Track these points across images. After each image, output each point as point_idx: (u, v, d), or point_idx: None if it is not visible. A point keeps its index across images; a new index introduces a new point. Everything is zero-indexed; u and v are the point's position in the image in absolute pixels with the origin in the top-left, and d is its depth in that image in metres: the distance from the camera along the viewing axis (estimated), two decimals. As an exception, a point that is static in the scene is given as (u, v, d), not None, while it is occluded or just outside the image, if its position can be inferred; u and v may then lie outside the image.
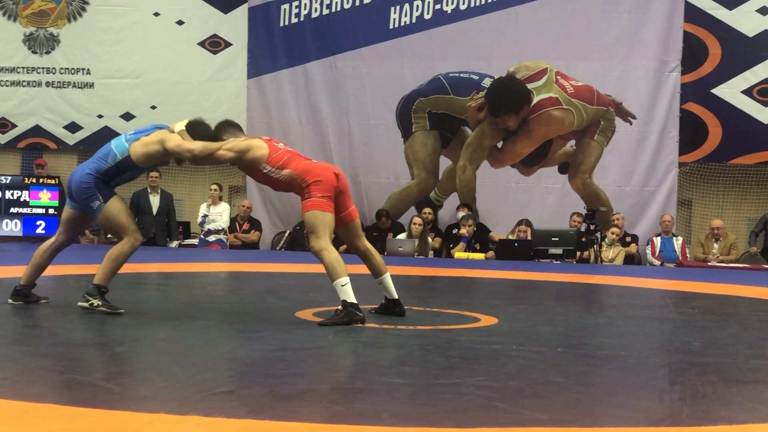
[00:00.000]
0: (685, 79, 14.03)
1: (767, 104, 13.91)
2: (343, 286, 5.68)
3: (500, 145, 14.48)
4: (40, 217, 14.43)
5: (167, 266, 10.19)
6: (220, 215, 13.79)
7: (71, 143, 15.41)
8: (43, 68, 15.46)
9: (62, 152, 15.39)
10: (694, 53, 14.03)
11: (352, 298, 5.67)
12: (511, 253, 12.79)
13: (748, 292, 9.05)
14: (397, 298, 6.19)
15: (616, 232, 13.36)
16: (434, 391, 3.86)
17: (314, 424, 3.24)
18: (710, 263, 13.14)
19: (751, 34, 13.99)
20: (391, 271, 6.27)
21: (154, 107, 15.11)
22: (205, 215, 13.77)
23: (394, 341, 5.26)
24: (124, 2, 15.30)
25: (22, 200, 14.43)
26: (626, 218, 13.82)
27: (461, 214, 13.92)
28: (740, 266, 12.88)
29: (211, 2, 15.16)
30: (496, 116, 14.35)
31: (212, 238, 13.73)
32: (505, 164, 14.51)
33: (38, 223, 14.40)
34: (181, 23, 15.22)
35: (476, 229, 13.63)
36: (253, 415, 3.32)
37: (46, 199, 14.44)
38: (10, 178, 14.66)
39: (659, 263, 13.40)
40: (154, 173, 13.55)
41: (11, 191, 14.43)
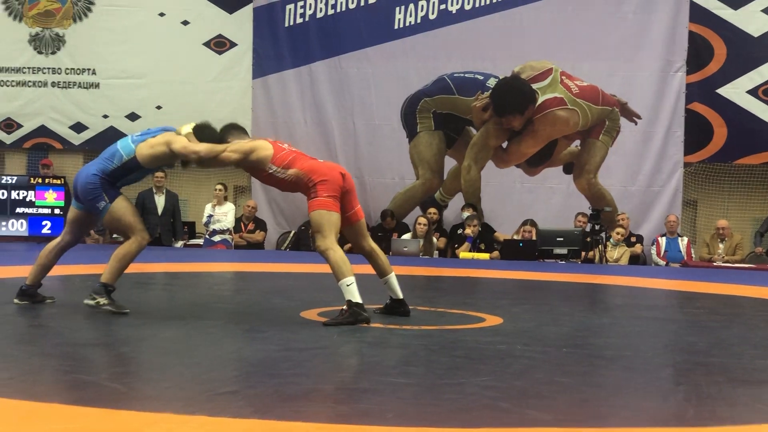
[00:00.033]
0: (690, 79, 14.01)
1: (773, 104, 13.92)
2: (348, 285, 5.69)
3: (505, 145, 14.48)
4: (45, 217, 14.43)
5: (172, 266, 10.20)
6: (225, 215, 13.80)
7: (77, 143, 15.43)
8: (48, 68, 15.48)
9: (68, 152, 15.40)
10: (699, 53, 14.01)
11: (357, 298, 5.67)
12: (515, 253, 12.79)
13: (753, 292, 9.04)
14: (402, 298, 6.19)
15: (621, 232, 13.35)
16: (439, 391, 3.86)
17: (319, 424, 3.25)
18: (715, 263, 13.12)
19: (756, 33, 13.96)
20: (396, 271, 6.28)
21: (159, 107, 15.13)
22: (210, 215, 13.78)
23: (398, 341, 5.27)
24: (129, 3, 15.31)
25: (27, 200, 14.44)
26: (631, 218, 13.81)
27: (466, 214, 13.91)
28: (745, 266, 12.86)
29: (216, 2, 15.16)
30: (500, 116, 14.34)
31: (217, 238, 13.74)
32: (510, 164, 14.50)
33: (44, 223, 14.41)
34: (186, 23, 15.22)
35: (481, 229, 13.63)
36: (258, 415, 3.33)
37: (51, 199, 14.45)
38: (15, 178, 14.68)
39: (664, 263, 13.39)
40: (159, 173, 13.56)
41: (17, 191, 14.45)
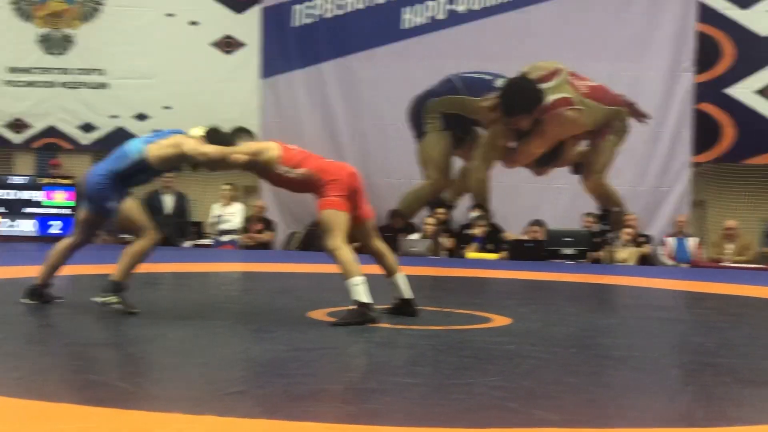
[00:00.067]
0: (698, 79, 13.99)
1: (781, 104, 13.89)
2: (356, 285, 5.69)
3: (513, 145, 14.46)
4: (54, 217, 14.47)
5: (181, 266, 10.21)
6: (233, 215, 13.81)
7: (86, 143, 15.43)
8: (57, 69, 15.49)
9: (77, 152, 15.40)
10: (707, 53, 13.98)
11: (364, 297, 5.67)
12: (523, 253, 12.78)
13: (761, 292, 9.02)
14: (410, 297, 6.20)
15: (629, 232, 13.33)
16: (446, 391, 3.86)
17: (327, 424, 3.25)
18: (724, 264, 13.10)
19: (764, 33, 13.93)
20: (403, 271, 6.28)
21: (167, 108, 15.13)
22: (218, 215, 13.79)
23: (406, 341, 5.27)
24: (138, 3, 15.31)
25: (36, 200, 14.48)
26: (639, 218, 13.77)
27: (474, 214, 13.91)
28: (754, 267, 12.83)
29: (224, 3, 15.17)
30: (508, 116, 14.33)
31: (225, 238, 13.75)
32: (518, 164, 14.48)
33: (53, 223, 14.45)
34: (194, 24, 15.23)
35: (489, 229, 13.62)
36: (266, 415, 3.34)
37: (60, 199, 14.48)
38: (25, 178, 14.72)
39: (673, 264, 13.36)
40: (168, 174, 13.56)
41: (26, 191, 14.49)
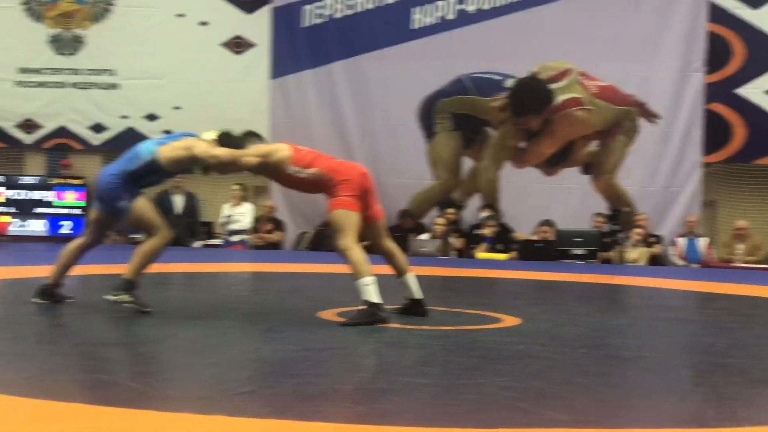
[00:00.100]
0: (709, 79, 13.95)
1: (792, 104, 13.84)
2: (366, 285, 5.69)
3: (523, 145, 14.44)
4: (65, 217, 14.51)
5: (191, 266, 10.23)
6: (243, 215, 13.83)
7: (96, 144, 15.46)
8: (68, 69, 15.53)
9: (87, 153, 15.43)
10: (718, 53, 13.94)
11: (375, 298, 5.67)
12: (533, 253, 12.77)
13: (772, 293, 9.00)
14: (420, 298, 6.20)
15: (639, 232, 13.30)
16: (456, 391, 3.86)
17: (337, 424, 3.25)
18: (734, 264, 13.06)
19: (775, 33, 13.91)
20: (413, 271, 6.28)
21: (177, 108, 15.15)
22: (228, 215, 13.81)
23: (416, 341, 5.27)
24: (148, 3, 15.34)
25: (47, 201, 14.52)
26: (650, 219, 13.74)
27: (484, 214, 13.90)
28: (765, 267, 12.79)
29: (234, 3, 15.19)
30: (518, 117, 14.31)
31: (235, 238, 13.76)
32: (528, 165, 14.46)
33: (64, 223, 14.48)
34: (204, 24, 15.25)
35: (499, 229, 13.61)
36: (276, 414, 3.34)
37: (71, 199, 14.52)
38: (36, 178, 14.77)
39: (683, 264, 13.33)
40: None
41: (37, 191, 14.53)
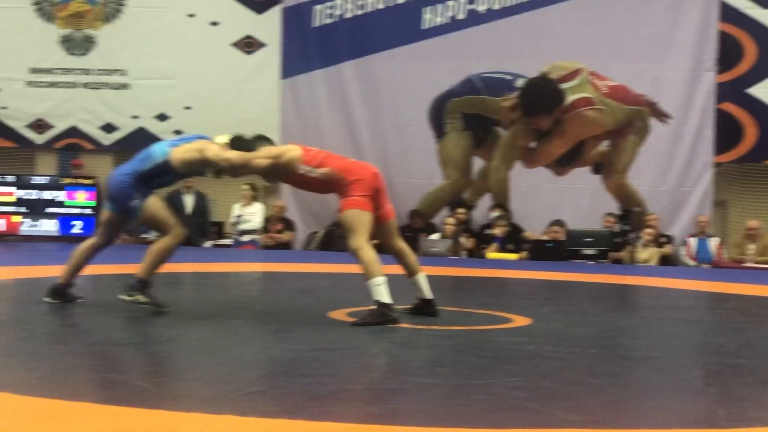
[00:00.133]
0: (720, 78, 13.91)
1: (804, 104, 13.80)
2: (377, 285, 5.69)
3: (534, 145, 14.42)
4: (76, 217, 14.53)
5: (201, 266, 10.23)
6: (253, 215, 13.83)
7: (107, 144, 15.49)
8: (79, 69, 15.56)
9: (98, 153, 15.46)
10: (729, 53, 13.90)
11: (385, 298, 5.67)
12: (544, 253, 12.75)
13: (784, 293, 8.98)
14: (430, 298, 6.20)
15: (650, 232, 13.26)
16: (467, 391, 3.86)
17: (347, 424, 3.25)
18: (746, 264, 13.02)
19: (787, 33, 13.87)
20: (424, 271, 6.28)
21: (188, 108, 15.17)
22: (239, 215, 13.82)
23: (427, 341, 5.27)
24: (159, 4, 15.36)
25: (58, 200, 14.56)
26: (661, 219, 13.70)
27: (494, 214, 13.88)
28: (776, 267, 12.76)
29: (245, 3, 15.20)
30: (529, 117, 14.29)
31: (246, 238, 13.77)
32: (538, 164, 14.44)
33: (75, 223, 14.52)
34: (215, 24, 15.26)
35: (509, 229, 13.59)
36: (286, 414, 3.34)
37: (82, 199, 14.55)
38: (47, 178, 14.80)
39: (694, 264, 13.29)
40: (189, 175, 13.61)
41: (48, 191, 14.57)
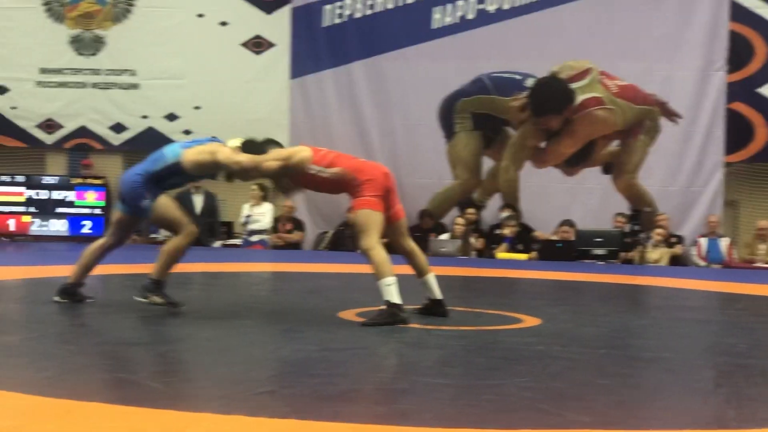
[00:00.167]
0: (730, 78, 13.87)
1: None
2: (388, 285, 5.68)
3: (543, 145, 14.40)
4: (85, 217, 14.57)
5: (211, 266, 10.24)
6: (263, 215, 13.84)
7: (117, 144, 15.51)
8: (88, 69, 15.59)
9: (108, 153, 15.48)
10: (739, 52, 13.85)
11: (396, 298, 5.67)
12: (553, 253, 12.73)
13: (795, 293, 8.95)
14: (440, 298, 6.19)
15: (661, 232, 13.23)
16: (477, 392, 3.85)
17: (357, 424, 3.25)
18: (756, 264, 12.99)
19: (797, 32, 13.82)
20: (433, 271, 6.27)
21: (197, 108, 15.18)
22: (248, 215, 13.82)
23: (436, 342, 5.26)
24: (168, 4, 15.38)
25: (68, 200, 14.59)
26: (671, 219, 13.66)
27: (504, 214, 13.87)
28: (787, 267, 12.73)
29: (254, 3, 15.20)
30: (538, 116, 14.26)
31: (255, 238, 13.77)
32: (548, 164, 14.41)
33: (84, 223, 14.55)
34: (224, 24, 15.27)
35: (519, 229, 13.58)
36: (296, 415, 3.34)
37: (92, 199, 14.58)
38: (57, 178, 14.84)
39: (705, 264, 13.26)
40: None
41: (58, 191, 14.60)
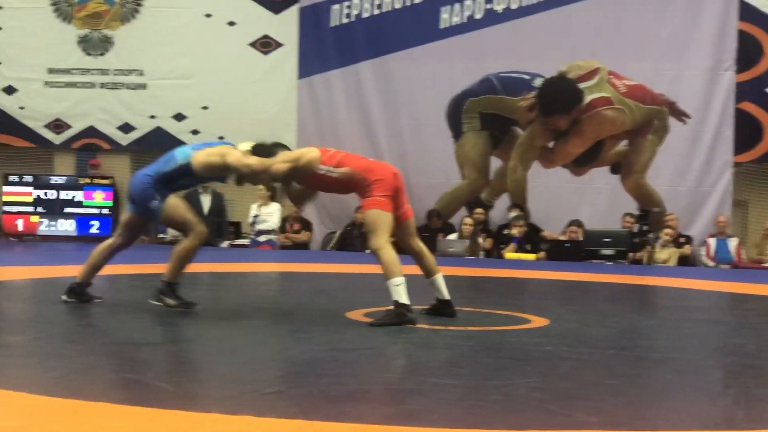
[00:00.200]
0: (739, 78, 13.83)
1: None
2: (396, 286, 5.68)
3: (551, 145, 14.38)
4: (93, 217, 14.59)
5: (218, 266, 10.24)
6: (270, 215, 13.84)
7: (125, 144, 15.53)
8: (97, 69, 15.61)
9: (116, 153, 15.51)
10: (748, 52, 13.82)
11: (404, 298, 5.66)
12: (562, 254, 12.71)
13: (804, 294, 8.92)
14: (448, 298, 6.18)
15: (669, 232, 13.20)
16: (485, 392, 3.84)
17: (364, 424, 3.24)
18: (765, 265, 12.95)
19: (806, 32, 13.78)
20: (441, 271, 6.27)
21: (205, 108, 15.20)
22: (256, 215, 13.83)
23: (444, 342, 5.26)
24: (176, 4, 15.39)
25: (76, 200, 14.61)
26: (680, 219, 13.63)
27: (512, 214, 13.85)
28: (796, 268, 12.69)
29: (262, 3, 15.21)
30: (546, 116, 14.24)
31: (263, 238, 13.78)
32: (556, 164, 14.39)
33: (92, 223, 14.57)
34: (232, 24, 15.29)
35: (527, 229, 13.56)
36: (303, 415, 3.33)
37: (99, 199, 14.61)
38: (65, 178, 14.86)
39: (713, 265, 13.23)
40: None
41: (66, 191, 14.62)
